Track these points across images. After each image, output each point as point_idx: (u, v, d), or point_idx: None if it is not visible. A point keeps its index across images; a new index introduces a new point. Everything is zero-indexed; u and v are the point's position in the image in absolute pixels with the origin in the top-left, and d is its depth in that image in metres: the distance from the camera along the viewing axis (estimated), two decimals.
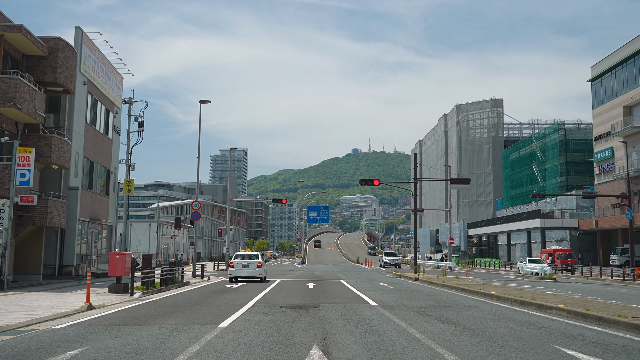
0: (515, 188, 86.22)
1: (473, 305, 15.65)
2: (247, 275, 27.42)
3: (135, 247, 51.57)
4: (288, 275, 36.87)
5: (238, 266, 27.48)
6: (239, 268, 27.44)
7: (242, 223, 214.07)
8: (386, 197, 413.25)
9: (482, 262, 71.45)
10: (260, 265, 27.63)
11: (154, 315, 12.98)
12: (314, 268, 51.78)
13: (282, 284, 26.81)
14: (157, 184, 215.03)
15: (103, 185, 31.77)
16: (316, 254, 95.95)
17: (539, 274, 37.97)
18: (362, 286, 25.10)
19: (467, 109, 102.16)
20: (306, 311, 13.90)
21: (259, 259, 27.94)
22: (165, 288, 22.31)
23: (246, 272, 27.36)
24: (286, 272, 42.76)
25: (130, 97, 47.62)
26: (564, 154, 72.17)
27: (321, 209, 68.16)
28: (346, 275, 37.54)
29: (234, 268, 27.49)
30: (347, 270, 47.42)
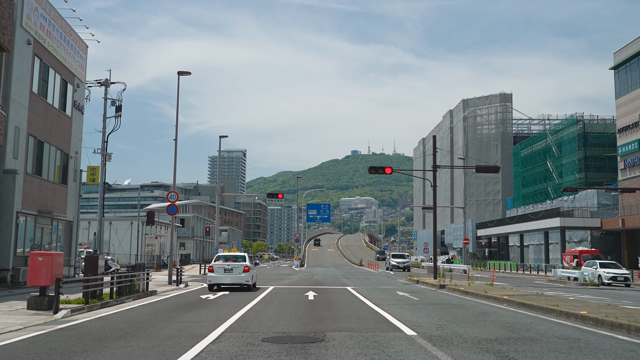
0: (527, 186, 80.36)
1: (576, 338, 9.75)
2: (230, 282, 21.78)
3: (113, 248, 45.65)
4: (284, 280, 30.99)
5: (219, 270, 21.83)
6: (220, 273, 21.79)
7: (240, 224, 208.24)
8: (386, 199, 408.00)
9: (496, 264, 65.51)
10: (247, 269, 21.90)
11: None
12: (314, 271, 45.88)
13: (274, 293, 20.93)
14: (153, 185, 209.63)
15: (59, 173, 25.87)
16: (316, 256, 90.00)
17: (578, 279, 32.06)
18: (376, 296, 19.25)
19: (474, 104, 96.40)
20: (304, 351, 8.06)
21: (245, 262, 22.25)
22: (116, 301, 16.44)
23: (229, 278, 21.70)
24: (282, 276, 36.87)
25: (106, 78, 41.93)
26: (583, 148, 66.32)
27: (321, 208, 62.35)
28: (352, 280, 31.65)
29: (214, 273, 21.85)
30: (351, 274, 41.52)
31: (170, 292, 21.22)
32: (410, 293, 20.96)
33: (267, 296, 19.32)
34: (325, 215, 61.86)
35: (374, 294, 20.36)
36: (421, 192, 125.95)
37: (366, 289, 23.75)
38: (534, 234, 70.50)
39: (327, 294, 20.59)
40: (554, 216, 59.77)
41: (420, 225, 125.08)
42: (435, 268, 29.34)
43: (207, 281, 22.15)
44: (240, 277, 21.60)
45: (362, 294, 20.60)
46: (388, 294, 20.40)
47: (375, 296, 19.49)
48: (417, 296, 19.53)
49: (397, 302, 16.82)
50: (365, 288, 24.19)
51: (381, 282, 30.17)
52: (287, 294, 20.52)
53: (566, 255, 51.99)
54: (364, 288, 24.19)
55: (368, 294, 20.30)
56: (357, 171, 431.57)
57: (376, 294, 20.37)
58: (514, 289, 21.77)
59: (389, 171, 28.60)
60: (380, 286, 25.96)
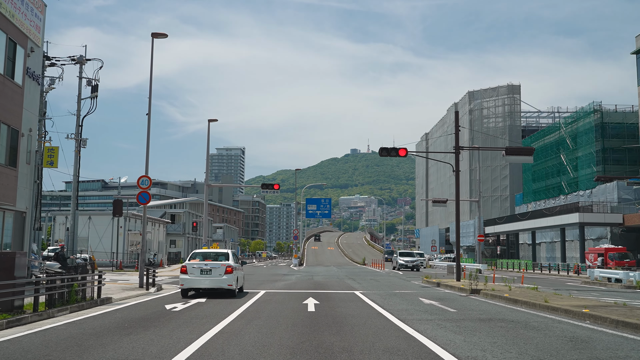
0: (538, 181, 75.61)
1: None
2: (207, 286, 17.14)
3: (88, 246, 40.79)
4: (279, 282, 26.22)
5: (194, 272, 17.09)
6: (196, 275, 17.07)
7: (238, 222, 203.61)
8: (385, 198, 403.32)
9: (508, 264, 60.72)
10: (229, 270, 17.09)
11: None
12: (314, 271, 41.11)
13: (263, 301, 16.16)
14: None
15: (5, 152, 21.08)
16: (315, 254, 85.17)
17: (622, 280, 27.27)
18: (397, 305, 14.50)
19: (481, 96, 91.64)
20: None
21: (228, 261, 17.47)
22: (40, 315, 11.67)
23: (207, 282, 17.02)
24: (278, 277, 32.09)
25: (81, 55, 37.14)
26: (601, 139, 61.54)
27: (321, 202, 57.54)
28: (359, 282, 26.87)
29: (188, 275, 17.11)
30: (356, 274, 36.72)
31: (131, 300, 16.42)
32: (438, 301, 16.18)
33: (253, 306, 14.55)
34: (325, 211, 57.09)
35: (393, 302, 15.60)
36: (424, 188, 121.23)
37: (379, 294, 18.98)
38: (546, 231, 65.76)
39: (332, 301, 15.83)
40: (572, 211, 55.04)
41: (423, 222, 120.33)
42: (458, 268, 24.53)
43: (179, 285, 17.48)
44: (221, 280, 16.93)
45: (376, 301, 15.84)
46: (411, 302, 15.64)
47: (395, 305, 14.74)
48: (451, 305, 14.74)
49: (430, 317, 12.04)
50: (378, 293, 19.42)
51: (393, 284, 25.39)
52: (280, 302, 15.75)
53: (589, 254, 47.22)
54: (377, 293, 19.42)
55: (385, 302, 15.53)
56: (356, 170, 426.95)
57: (395, 302, 15.62)
58: (573, 296, 16.96)
59: (403, 153, 23.90)
60: (394, 290, 21.17)
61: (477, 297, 17.40)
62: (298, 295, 18.27)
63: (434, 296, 17.95)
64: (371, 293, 19.43)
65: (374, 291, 20.45)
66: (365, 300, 16.46)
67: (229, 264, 17.14)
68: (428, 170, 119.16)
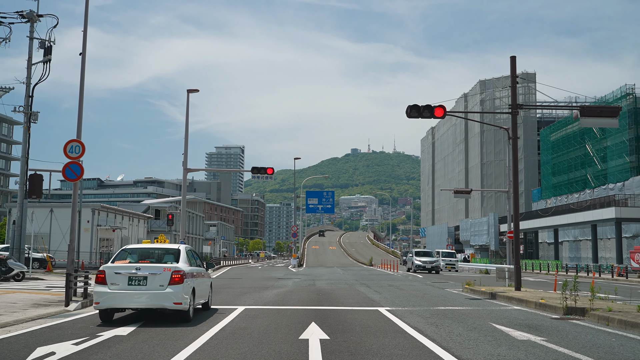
0: (559, 174, 68.58)
1: None
2: (139, 306, 10.36)
3: (50, 243, 33.75)
4: (269, 290, 19.24)
5: (119, 280, 10.27)
6: (122, 285, 10.25)
7: (237, 221, 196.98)
8: (386, 198, 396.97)
9: (534, 265, 53.63)
10: (178, 278, 10.26)
11: None
12: (315, 274, 34.15)
13: (231, 334, 9.19)
14: (146, 181, 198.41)
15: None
16: (316, 254, 78.12)
17: None
18: (473, 345, 7.57)
19: (493, 85, 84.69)
20: None
21: (176, 263, 10.71)
22: None
23: (139, 298, 10.18)
24: (271, 282, 25.16)
25: (31, 9, 30.31)
26: (634, 127, 54.59)
27: (323, 196, 50.52)
28: (376, 290, 19.89)
29: (108, 286, 10.24)
30: (368, 278, 29.72)
31: (10, 328, 9.44)
32: (535, 333, 9.22)
33: (208, 348, 7.59)
34: (328, 205, 50.12)
35: (457, 333, 8.74)
36: (430, 184, 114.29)
37: (418, 313, 12.08)
38: (569, 229, 58.87)
39: (349, 333, 8.92)
40: (606, 206, 48.15)
41: (429, 221, 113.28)
42: (518, 273, 17.54)
43: (94, 303, 10.37)
44: (163, 294, 10.13)
45: (426, 332, 8.96)
46: (490, 336, 8.71)
47: (470, 345, 7.81)
48: (584, 351, 7.78)
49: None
50: (415, 311, 12.50)
51: (424, 293, 18.42)
52: (260, 336, 8.76)
53: (635, 253, 40.23)
54: (413, 311, 12.50)
55: (444, 336, 8.63)
56: (357, 169, 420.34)
57: (460, 333, 8.75)
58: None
59: (440, 113, 16.97)
60: (436, 305, 14.22)
61: (594, 325, 10.37)
62: (293, 317, 11.33)
63: (513, 320, 10.97)
64: (404, 311, 12.50)
65: (407, 307, 13.51)
66: (405, 328, 9.54)
67: (177, 269, 10.35)
68: (434, 167, 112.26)
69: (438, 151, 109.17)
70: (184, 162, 29.79)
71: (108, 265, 10.45)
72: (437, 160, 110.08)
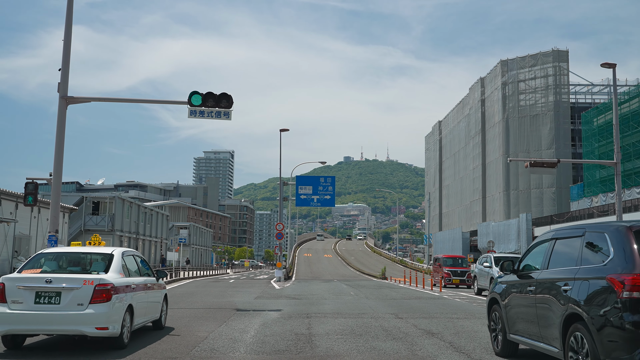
0: (608, 166, 54.33)
1: None
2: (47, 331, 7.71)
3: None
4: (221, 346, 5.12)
5: (24, 298, 7.47)
6: (28, 304, 7.46)
7: (225, 228, 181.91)
8: (379, 206, 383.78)
9: None
10: (103, 294, 7.55)
11: None
12: (309, 295, 19.57)
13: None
14: (128, 184, 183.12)
15: None
16: (309, 263, 63.29)
17: None
18: None
19: (517, 66, 70.65)
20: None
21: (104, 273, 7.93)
22: None
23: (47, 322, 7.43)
24: (222, 315, 10.34)
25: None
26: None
27: (319, 182, 35.94)
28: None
29: (7, 305, 7.40)
30: (414, 309, 15.04)
31: None
32: None
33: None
34: (326, 196, 35.61)
35: None
36: (436, 185, 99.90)
37: None
38: None
39: None
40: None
41: (435, 227, 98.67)
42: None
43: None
44: (78, 316, 7.54)
45: None
46: None
47: None
48: None
49: None
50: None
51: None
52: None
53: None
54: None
55: None
56: (349, 178, 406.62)
57: None
58: None
59: None
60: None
61: None
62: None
63: None
64: None
65: None
66: None
67: (102, 281, 7.76)
68: (442, 165, 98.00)
69: (446, 148, 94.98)
70: (60, 84, 15.21)
71: (10, 276, 8.01)
72: (445, 158, 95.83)
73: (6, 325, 7.48)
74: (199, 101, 14.94)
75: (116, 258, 8.51)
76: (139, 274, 9.27)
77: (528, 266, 7.41)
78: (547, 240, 7.12)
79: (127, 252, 9.22)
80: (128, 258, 9.10)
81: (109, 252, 8.68)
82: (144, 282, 9.23)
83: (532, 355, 7.81)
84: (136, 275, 9.10)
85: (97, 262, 8.46)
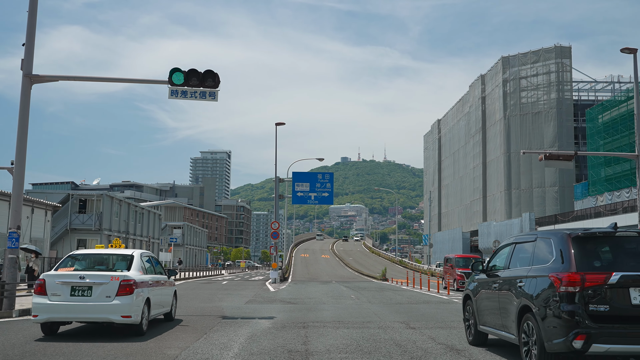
0: (612, 164, 52.79)
1: None
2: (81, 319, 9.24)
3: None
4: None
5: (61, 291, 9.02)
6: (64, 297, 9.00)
7: (221, 229, 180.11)
8: (376, 207, 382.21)
9: None
10: (128, 288, 9.01)
11: None
12: (306, 298, 17.81)
13: None
14: (124, 184, 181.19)
15: None
16: (306, 264, 61.52)
17: None
18: None
19: (519, 62, 69.07)
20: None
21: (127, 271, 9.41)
22: None
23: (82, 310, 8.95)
24: (215, 319, 8.57)
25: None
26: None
27: (317, 179, 34.18)
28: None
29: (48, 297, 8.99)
30: (417, 314, 13.29)
31: None
32: None
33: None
34: (324, 193, 33.88)
35: None
36: (435, 184, 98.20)
37: None
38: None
39: None
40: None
41: (434, 227, 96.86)
42: None
43: (33, 315, 9.14)
44: (107, 306, 8.96)
45: None
46: None
47: None
48: None
49: None
50: None
51: None
52: None
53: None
54: None
55: None
56: (347, 178, 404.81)
57: None
58: None
59: None
60: None
61: None
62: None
63: None
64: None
65: None
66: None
67: (127, 278, 9.16)
68: (441, 164, 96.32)
69: (446, 147, 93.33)
70: (24, 61, 13.39)
71: (49, 273, 9.42)
72: (444, 157, 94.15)
73: (47, 314, 8.90)
74: (181, 80, 13.17)
75: (136, 258, 9.84)
76: (154, 273, 10.58)
77: (494, 266, 8.33)
78: (509, 244, 8.15)
79: (144, 253, 10.48)
80: (145, 258, 10.39)
81: (129, 254, 9.99)
82: (158, 280, 10.54)
83: (498, 344, 8.66)
84: (152, 274, 10.37)
85: (120, 262, 9.77)
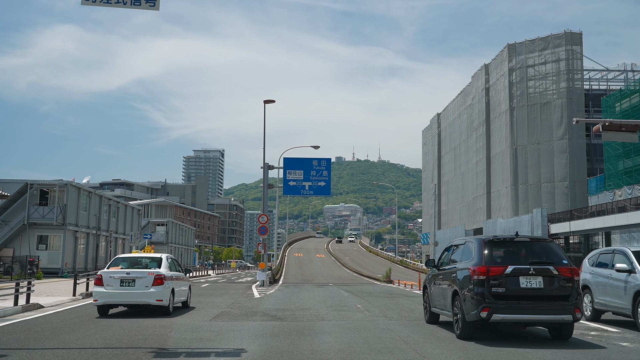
0: (632, 156, 48.41)
1: None
2: (130, 302, 13.66)
3: None
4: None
5: (113, 283, 13.46)
6: (115, 287, 13.42)
7: (213, 228, 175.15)
8: (371, 207, 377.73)
9: None
10: (159, 281, 13.45)
11: None
12: (298, 305, 13.41)
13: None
14: (114, 183, 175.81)
15: None
16: (300, 264, 56.77)
17: None
18: None
19: (526, 50, 64.60)
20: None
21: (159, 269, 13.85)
22: None
23: (129, 296, 13.47)
24: (144, 354, 4.36)
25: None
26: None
27: (312, 166, 29.45)
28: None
29: (104, 287, 13.40)
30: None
31: None
32: None
33: None
34: (320, 182, 29.15)
35: None
36: (435, 181, 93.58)
37: None
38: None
39: None
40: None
41: (434, 225, 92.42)
42: None
43: (93, 300, 13.51)
44: (147, 293, 13.32)
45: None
46: None
47: None
48: None
49: None
50: None
51: None
52: None
53: None
54: None
55: None
56: (341, 178, 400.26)
57: None
58: None
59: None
60: None
61: None
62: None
63: None
64: None
65: None
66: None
67: (159, 273, 13.53)
68: (441, 160, 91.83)
69: (446, 141, 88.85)
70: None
71: (105, 270, 13.82)
72: (444, 152, 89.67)
73: (104, 299, 13.21)
74: None
75: (164, 260, 14.43)
76: (175, 270, 14.97)
77: (442, 263, 11.98)
78: (451, 246, 12.00)
79: (169, 256, 15.20)
80: (169, 260, 14.96)
81: (158, 256, 14.63)
82: (179, 275, 14.99)
83: (446, 323, 11.28)
84: (174, 271, 14.77)
85: (152, 262, 14.32)
